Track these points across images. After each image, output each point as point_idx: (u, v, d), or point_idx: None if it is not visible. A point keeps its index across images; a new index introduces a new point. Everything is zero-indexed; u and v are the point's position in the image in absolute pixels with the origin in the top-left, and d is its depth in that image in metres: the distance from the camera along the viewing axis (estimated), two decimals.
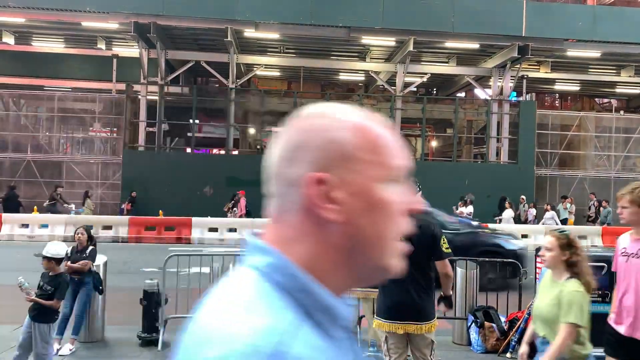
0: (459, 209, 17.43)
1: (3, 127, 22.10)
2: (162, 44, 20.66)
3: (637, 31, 20.22)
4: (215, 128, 32.65)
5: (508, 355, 6.25)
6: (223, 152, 23.78)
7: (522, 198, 20.10)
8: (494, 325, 6.45)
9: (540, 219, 19.05)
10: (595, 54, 21.75)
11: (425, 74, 23.30)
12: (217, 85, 26.41)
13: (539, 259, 6.66)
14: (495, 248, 10.02)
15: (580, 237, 17.64)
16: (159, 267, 6.99)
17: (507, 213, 18.38)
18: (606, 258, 5.39)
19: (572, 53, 21.75)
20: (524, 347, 3.59)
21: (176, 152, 26.02)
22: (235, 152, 23.54)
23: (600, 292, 5.38)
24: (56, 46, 24.54)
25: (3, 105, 23.03)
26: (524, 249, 10.64)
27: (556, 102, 34.27)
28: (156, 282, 6.51)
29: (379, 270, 0.80)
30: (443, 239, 4.08)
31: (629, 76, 24.60)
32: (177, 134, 30.10)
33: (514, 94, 25.90)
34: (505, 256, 8.79)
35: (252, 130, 27.57)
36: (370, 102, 25.41)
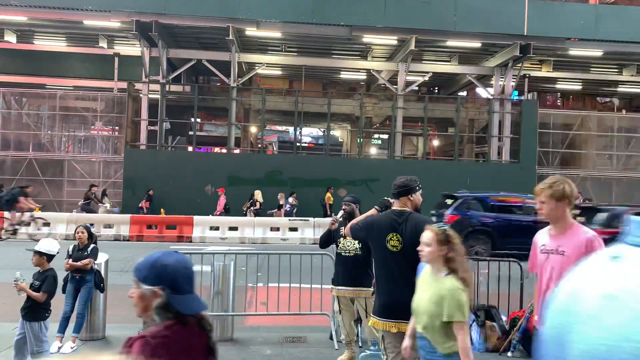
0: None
1: (5, 125, 22.13)
2: (163, 42, 20.67)
3: None
4: (216, 127, 32.76)
5: (509, 354, 6.24)
6: (224, 151, 23.78)
7: None
8: (495, 324, 6.45)
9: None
10: (597, 53, 21.71)
11: (427, 72, 23.28)
12: (219, 83, 26.43)
13: None
14: None
15: None
16: None
17: None
18: None
19: (574, 52, 21.71)
20: (406, 340, 3.54)
21: (178, 151, 26.02)
22: (237, 151, 23.54)
23: None
24: (58, 45, 24.57)
25: (5, 104, 23.06)
26: None
27: (558, 101, 34.18)
28: None
29: None
30: None
31: (631, 75, 24.54)
32: (178, 133, 30.15)
33: (516, 92, 25.88)
34: None
35: (253, 129, 27.59)
36: (371, 101, 25.42)
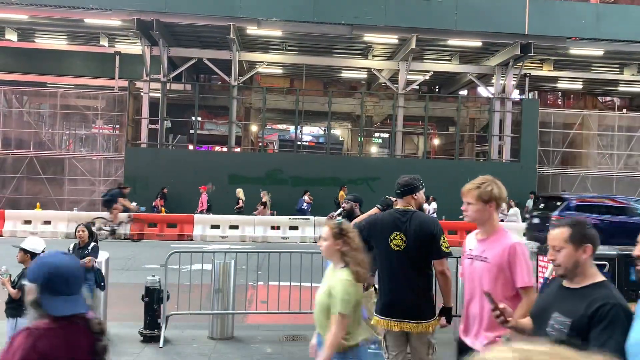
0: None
1: (6, 123, 22.14)
2: (164, 41, 20.67)
3: None
4: (217, 125, 32.78)
5: None
6: (225, 150, 23.80)
7: None
8: None
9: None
10: (598, 52, 21.69)
11: (428, 71, 23.26)
12: (220, 82, 26.42)
13: (540, 257, 6.67)
14: None
15: None
16: (161, 264, 7.01)
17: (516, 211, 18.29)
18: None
19: (575, 51, 21.69)
20: (314, 338, 3.51)
21: (178, 149, 26.04)
22: (238, 150, 23.55)
23: None
24: (59, 43, 24.59)
25: (6, 102, 23.08)
26: None
27: (559, 100, 34.20)
28: (158, 278, 6.53)
29: None
30: (443, 237, 3.99)
31: (632, 74, 24.52)
32: (179, 131, 30.19)
33: (516, 92, 25.86)
34: None
35: (254, 128, 27.60)
36: (372, 100, 25.42)
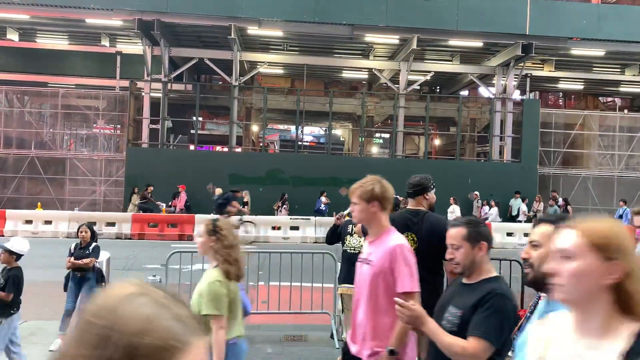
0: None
1: (7, 123, 22.16)
2: (165, 41, 20.68)
3: None
4: (218, 125, 32.78)
5: (510, 353, 6.24)
6: (226, 150, 23.79)
7: (476, 194, 19.51)
8: None
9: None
10: (599, 52, 21.67)
11: (429, 72, 23.26)
12: (221, 82, 26.43)
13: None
14: None
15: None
16: (162, 264, 7.01)
17: (456, 209, 18.14)
18: None
19: (576, 51, 21.68)
20: None
21: (179, 149, 26.06)
22: (239, 150, 23.55)
23: None
24: (60, 43, 24.60)
25: (7, 102, 23.10)
26: None
27: (560, 100, 34.16)
28: (159, 278, 6.54)
29: None
30: None
31: (633, 75, 24.50)
32: (180, 131, 30.22)
33: (517, 93, 25.85)
34: None
35: (255, 128, 27.60)
36: (373, 100, 25.41)
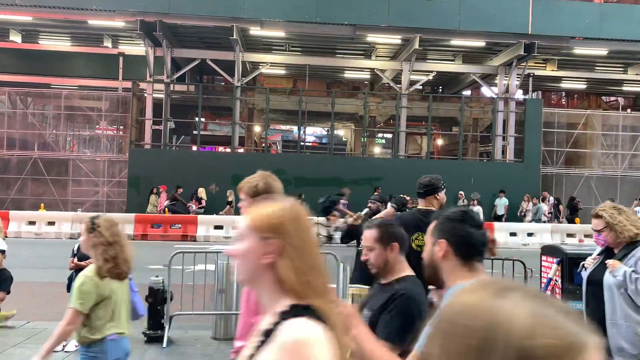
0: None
1: (10, 125, 22.23)
2: (168, 42, 20.71)
3: None
4: (220, 126, 32.78)
5: None
6: (228, 150, 23.82)
7: (460, 194, 19.41)
8: None
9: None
10: (602, 51, 21.63)
11: (431, 72, 23.24)
12: (223, 83, 26.45)
13: (543, 257, 6.66)
14: None
15: (569, 234, 17.66)
16: (165, 265, 7.02)
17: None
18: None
19: (578, 51, 21.63)
20: None
21: (182, 150, 26.09)
22: (241, 150, 23.58)
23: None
24: (63, 44, 24.64)
25: (10, 103, 23.18)
26: None
27: (563, 100, 34.10)
28: (161, 279, 6.54)
29: None
30: None
31: (636, 74, 24.43)
32: (183, 132, 30.22)
33: (520, 92, 25.80)
34: None
35: (257, 128, 27.62)
36: (375, 100, 25.40)
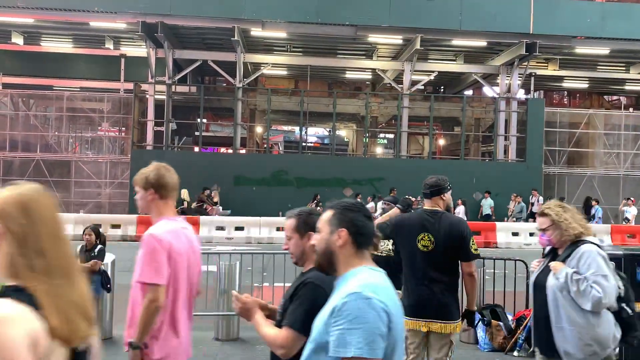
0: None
1: (12, 126, 22.28)
2: (169, 43, 20.73)
3: None
4: (222, 127, 32.82)
5: (515, 353, 6.23)
6: (230, 151, 23.84)
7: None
8: (501, 323, 6.42)
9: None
10: (604, 51, 21.58)
11: (433, 72, 23.22)
12: (225, 84, 26.48)
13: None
14: None
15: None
16: None
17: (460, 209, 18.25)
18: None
19: (580, 50, 21.59)
20: None
21: (184, 151, 26.12)
22: (243, 151, 23.60)
23: None
24: (64, 46, 24.68)
25: (12, 105, 23.22)
26: None
27: (565, 99, 34.07)
28: None
29: None
30: (472, 239, 3.97)
31: (638, 73, 24.38)
32: (184, 133, 30.27)
33: (522, 92, 25.77)
34: None
35: (259, 129, 27.64)
36: (377, 101, 25.40)
